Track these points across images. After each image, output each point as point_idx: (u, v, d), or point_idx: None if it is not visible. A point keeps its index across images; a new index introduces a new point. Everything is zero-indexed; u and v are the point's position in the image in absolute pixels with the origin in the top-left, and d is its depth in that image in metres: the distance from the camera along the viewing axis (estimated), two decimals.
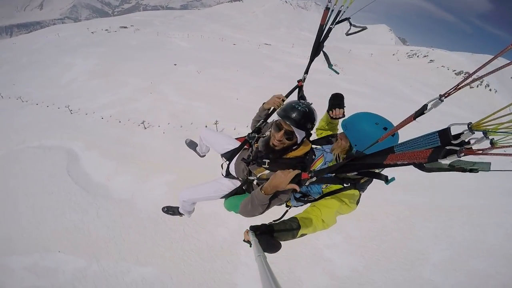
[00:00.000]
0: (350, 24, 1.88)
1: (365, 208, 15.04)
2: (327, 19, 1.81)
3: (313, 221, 1.75)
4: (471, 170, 0.82)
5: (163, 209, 3.51)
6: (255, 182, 2.04)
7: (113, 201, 15.55)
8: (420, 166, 0.87)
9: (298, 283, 12.25)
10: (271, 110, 2.30)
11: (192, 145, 3.52)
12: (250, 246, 1.45)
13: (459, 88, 0.74)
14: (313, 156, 1.99)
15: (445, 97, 0.76)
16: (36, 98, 30.13)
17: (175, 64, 41.11)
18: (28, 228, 14.29)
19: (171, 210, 3.38)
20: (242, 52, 62.01)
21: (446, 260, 12.91)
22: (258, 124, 2.31)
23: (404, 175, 18.75)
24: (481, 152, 0.66)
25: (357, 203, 1.82)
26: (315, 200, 1.88)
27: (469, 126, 0.68)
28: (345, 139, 1.76)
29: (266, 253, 1.39)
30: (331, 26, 1.86)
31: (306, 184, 1.58)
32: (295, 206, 2.10)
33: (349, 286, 12.09)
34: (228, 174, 2.45)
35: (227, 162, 2.48)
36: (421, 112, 0.82)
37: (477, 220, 14.27)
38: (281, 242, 1.65)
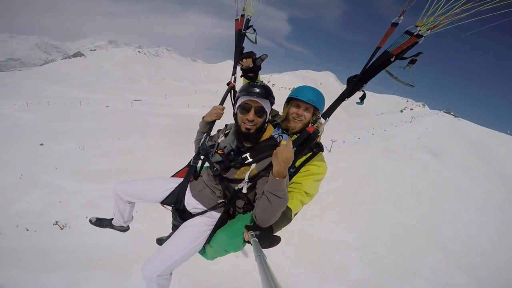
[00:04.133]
0: (254, 30, 2.42)
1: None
2: (243, 25, 2.38)
3: (298, 197, 1.99)
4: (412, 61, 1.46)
5: None
6: (244, 190, 1.88)
7: None
8: (400, 59, 1.46)
9: None
10: (214, 122, 2.43)
11: (103, 222, 2.77)
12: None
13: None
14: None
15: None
16: None
17: (41, 144, 35.57)
18: None
19: None
20: (117, 114, 59.69)
21: None
22: (203, 139, 2.29)
23: None
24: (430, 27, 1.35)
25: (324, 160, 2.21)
26: (290, 176, 2.05)
27: (415, 25, 1.37)
28: (307, 110, 2.18)
29: (267, 248, 1.68)
30: (244, 31, 2.40)
31: (320, 133, 1.89)
32: None
33: None
34: (187, 215, 2.19)
35: (174, 206, 2.25)
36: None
37: None
38: (282, 229, 1.92)
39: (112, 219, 2.69)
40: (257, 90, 1.89)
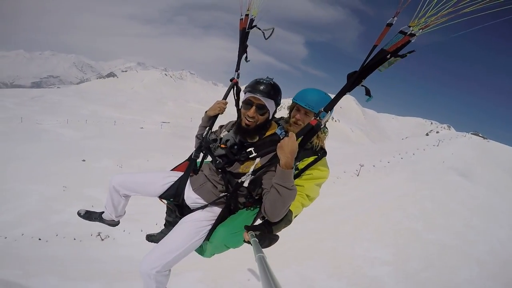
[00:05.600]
0: (259, 29, 2.43)
1: None
2: (247, 24, 2.46)
3: (299, 199, 2.02)
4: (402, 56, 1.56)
5: None
6: (246, 184, 1.92)
7: None
8: (395, 55, 1.55)
9: None
10: (216, 116, 2.45)
11: (92, 215, 2.73)
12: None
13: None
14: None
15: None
16: None
17: (83, 160, 38.80)
18: None
19: None
20: (148, 135, 63.36)
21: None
22: (205, 133, 2.31)
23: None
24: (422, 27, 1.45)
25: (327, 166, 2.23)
26: (294, 177, 2.00)
27: (408, 26, 1.46)
28: (307, 115, 2.13)
29: (266, 248, 1.71)
30: (248, 30, 2.47)
31: (322, 126, 1.85)
32: None
33: None
34: (185, 211, 2.19)
35: (173, 201, 2.24)
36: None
37: None
38: (281, 229, 1.95)
39: (103, 212, 2.62)
40: (261, 88, 1.92)
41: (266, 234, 1.79)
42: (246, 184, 1.91)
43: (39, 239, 23.00)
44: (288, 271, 16.06)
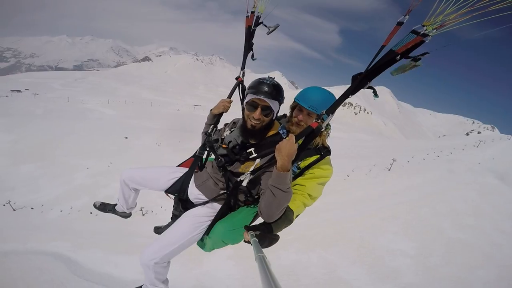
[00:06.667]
0: (265, 26, 2.39)
1: None
2: (253, 21, 2.41)
3: (301, 199, 1.99)
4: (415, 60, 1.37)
5: None
6: (245, 183, 1.91)
7: None
8: (405, 57, 1.39)
9: None
10: (221, 114, 2.49)
11: (106, 207, 2.94)
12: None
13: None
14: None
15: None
16: None
17: (126, 138, 41.08)
18: None
19: None
20: (183, 117, 65.56)
21: None
22: (210, 131, 2.34)
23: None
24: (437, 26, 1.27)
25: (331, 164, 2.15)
26: (295, 177, 2.07)
27: (422, 25, 1.31)
28: (309, 115, 2.05)
29: (267, 248, 1.69)
30: (253, 28, 2.41)
31: (323, 129, 1.72)
32: None
33: None
34: (189, 205, 2.23)
35: (177, 195, 2.29)
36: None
37: None
38: (282, 229, 1.91)
39: (116, 204, 2.77)
40: (266, 89, 1.89)
41: (266, 234, 1.78)
42: (245, 183, 1.91)
43: (91, 213, 24.75)
44: (313, 255, 16.61)
